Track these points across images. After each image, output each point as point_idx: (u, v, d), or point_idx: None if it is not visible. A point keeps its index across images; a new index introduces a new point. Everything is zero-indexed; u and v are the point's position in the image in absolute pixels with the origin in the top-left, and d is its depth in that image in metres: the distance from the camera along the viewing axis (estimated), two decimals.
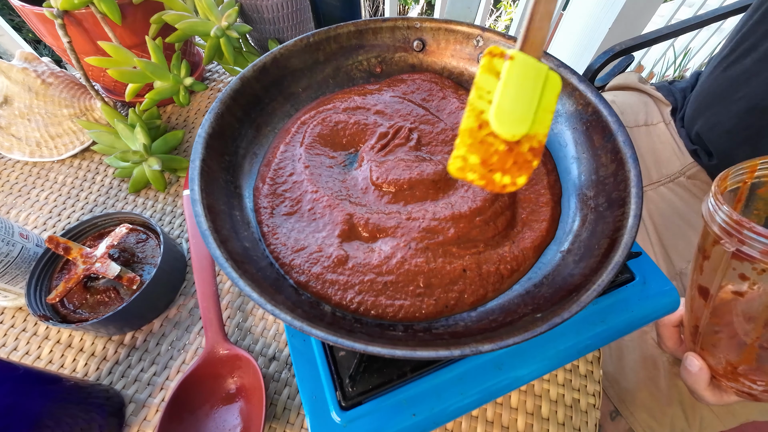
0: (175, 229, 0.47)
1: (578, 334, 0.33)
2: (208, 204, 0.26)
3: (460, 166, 0.22)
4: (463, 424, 0.36)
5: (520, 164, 0.22)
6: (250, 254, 0.27)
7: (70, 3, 0.42)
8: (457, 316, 0.27)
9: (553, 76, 0.23)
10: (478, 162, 0.22)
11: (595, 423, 0.36)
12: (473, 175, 0.22)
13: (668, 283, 0.35)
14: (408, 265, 0.27)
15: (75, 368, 0.38)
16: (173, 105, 0.60)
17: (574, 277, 0.25)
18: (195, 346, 0.39)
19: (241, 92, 0.33)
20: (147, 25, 0.47)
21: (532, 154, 0.22)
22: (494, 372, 0.31)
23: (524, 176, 0.22)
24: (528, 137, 0.22)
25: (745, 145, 0.47)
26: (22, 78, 0.50)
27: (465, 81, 0.39)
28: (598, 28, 0.88)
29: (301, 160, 0.33)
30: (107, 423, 0.33)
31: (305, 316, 0.22)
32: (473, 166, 0.22)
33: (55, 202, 0.50)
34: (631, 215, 0.25)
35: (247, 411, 0.34)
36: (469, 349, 0.20)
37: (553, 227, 0.31)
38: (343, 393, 0.29)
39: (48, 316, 0.37)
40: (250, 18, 0.54)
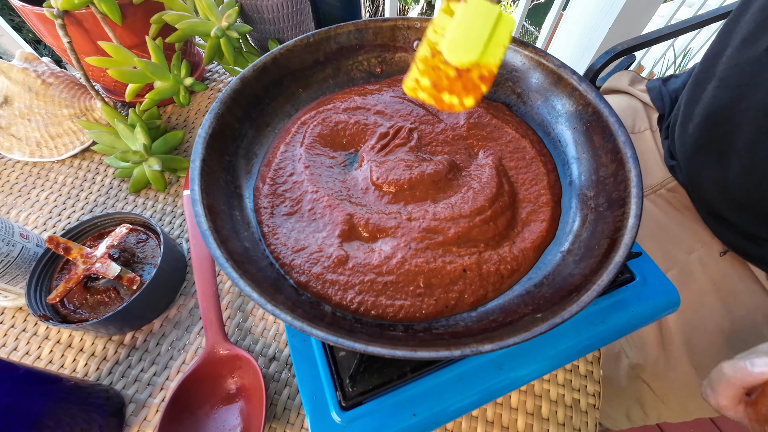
0: (175, 229, 0.47)
1: (578, 334, 0.33)
2: (208, 204, 0.26)
3: (412, 86, 0.25)
4: (463, 424, 0.36)
5: (469, 88, 0.25)
6: (250, 254, 0.27)
7: (71, 3, 0.42)
8: (458, 316, 0.27)
9: (506, 17, 0.25)
10: (429, 84, 0.24)
11: (595, 423, 0.36)
12: (423, 94, 0.25)
13: (668, 283, 0.35)
14: (408, 265, 0.27)
15: (75, 368, 0.38)
16: (173, 105, 0.60)
17: (574, 277, 0.25)
18: (195, 346, 0.39)
19: (242, 92, 0.33)
20: (147, 25, 0.47)
21: (481, 80, 0.25)
22: (494, 372, 0.31)
23: (471, 98, 0.25)
24: (478, 66, 0.25)
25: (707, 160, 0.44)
26: (22, 78, 0.50)
27: None
28: (598, 28, 0.88)
29: (301, 160, 0.33)
30: (107, 423, 0.33)
31: (305, 316, 0.22)
32: (425, 87, 0.25)
33: (55, 202, 0.50)
34: (632, 215, 0.25)
35: (247, 411, 0.34)
36: (470, 349, 0.20)
37: (554, 227, 0.31)
38: (344, 393, 0.29)
39: (48, 316, 0.37)
40: (250, 18, 0.54)
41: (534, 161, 0.33)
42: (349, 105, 0.37)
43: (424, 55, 0.25)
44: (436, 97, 0.25)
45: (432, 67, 0.25)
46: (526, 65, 0.35)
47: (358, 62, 0.39)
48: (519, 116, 0.37)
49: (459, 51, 0.24)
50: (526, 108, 0.37)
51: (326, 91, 0.39)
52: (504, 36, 0.25)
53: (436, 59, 0.25)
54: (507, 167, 0.34)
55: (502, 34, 0.25)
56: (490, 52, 0.25)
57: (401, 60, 0.40)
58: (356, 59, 0.39)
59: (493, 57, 0.25)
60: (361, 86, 0.39)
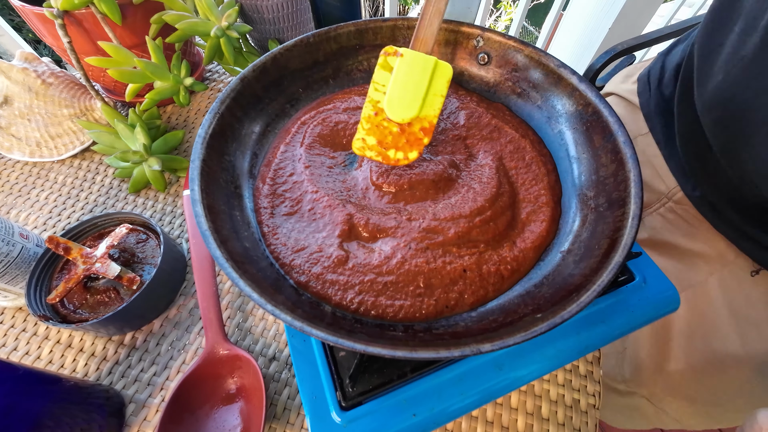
0: (175, 229, 0.47)
1: (578, 334, 0.33)
2: (208, 204, 0.26)
3: (360, 146, 0.26)
4: (463, 425, 0.36)
5: (412, 142, 0.26)
6: (250, 254, 0.27)
7: (71, 3, 0.42)
8: (458, 317, 0.27)
9: (442, 66, 0.26)
10: (375, 142, 0.26)
11: (595, 423, 0.36)
12: (371, 152, 0.26)
13: (668, 283, 0.35)
14: (408, 266, 0.27)
15: (75, 368, 0.38)
16: (173, 105, 0.60)
17: (574, 277, 0.25)
18: (195, 347, 0.39)
19: (242, 92, 0.33)
20: (147, 25, 0.47)
21: (423, 132, 0.26)
22: (494, 372, 0.31)
23: (415, 152, 0.27)
24: (419, 119, 0.26)
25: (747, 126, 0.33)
26: (22, 78, 0.50)
27: (465, 81, 0.39)
28: (598, 28, 0.88)
29: (301, 160, 0.33)
30: (107, 423, 0.33)
31: (305, 317, 0.22)
32: (371, 146, 0.26)
33: (55, 202, 0.50)
34: (631, 215, 0.25)
35: (247, 411, 0.34)
36: (470, 349, 0.20)
37: (554, 227, 0.31)
38: (344, 393, 0.29)
39: (48, 316, 0.37)
40: (250, 18, 0.54)
41: (534, 161, 0.33)
42: (349, 105, 0.37)
43: (368, 114, 0.26)
44: (383, 154, 0.26)
45: (376, 125, 0.26)
46: (526, 65, 0.35)
47: (358, 62, 0.39)
48: (519, 116, 0.37)
49: (399, 108, 0.25)
50: (526, 108, 0.37)
51: (326, 91, 0.39)
52: (441, 86, 0.27)
53: (379, 117, 0.26)
54: (507, 167, 0.33)
55: (439, 84, 0.26)
56: (428, 104, 0.26)
57: None
58: (356, 59, 0.39)
59: (432, 108, 0.27)
60: (361, 86, 0.39)
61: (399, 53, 0.25)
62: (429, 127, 0.26)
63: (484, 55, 0.37)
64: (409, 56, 0.25)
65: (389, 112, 0.25)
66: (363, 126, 0.26)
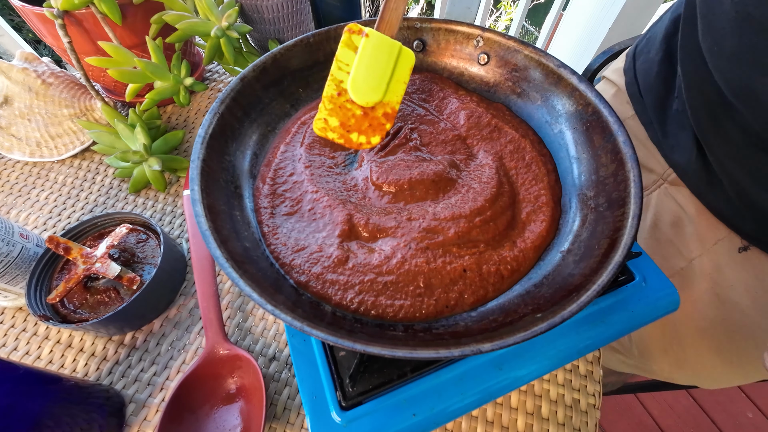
0: (175, 229, 0.47)
1: (578, 334, 0.33)
2: (208, 204, 0.26)
3: (321, 126, 0.25)
4: (463, 424, 0.36)
5: (375, 127, 0.26)
6: (250, 254, 0.27)
7: (71, 3, 0.42)
8: (458, 316, 0.27)
9: (406, 52, 0.26)
10: (338, 124, 0.25)
11: (595, 423, 0.36)
12: (333, 134, 0.25)
13: (668, 283, 0.35)
14: (408, 265, 0.27)
15: (75, 368, 0.38)
16: (173, 105, 0.60)
17: (574, 277, 0.25)
18: (195, 346, 0.39)
19: (242, 92, 0.33)
20: (147, 25, 0.47)
21: (385, 118, 0.26)
22: (494, 372, 0.31)
23: (378, 137, 0.26)
24: (382, 104, 0.25)
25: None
26: (23, 78, 0.50)
27: (465, 81, 0.39)
28: (598, 28, 0.88)
29: (301, 160, 0.33)
30: (107, 423, 0.33)
31: (305, 316, 0.22)
32: (333, 127, 0.25)
33: (55, 202, 0.50)
34: (631, 215, 0.25)
35: (248, 411, 0.34)
36: (470, 349, 0.20)
37: (554, 227, 0.31)
38: (344, 393, 0.29)
39: (48, 316, 0.37)
40: (251, 18, 0.54)
41: (534, 161, 0.33)
42: None
43: (331, 94, 0.25)
44: (345, 136, 0.26)
45: (339, 106, 0.25)
46: (526, 65, 0.35)
47: None
48: (519, 116, 0.37)
49: (364, 91, 0.25)
50: (526, 108, 0.37)
51: None
52: (405, 72, 0.26)
53: (342, 98, 0.25)
54: (507, 167, 0.34)
55: (403, 70, 0.26)
56: (392, 89, 0.26)
57: None
58: None
59: (395, 95, 0.26)
60: None
61: (364, 33, 0.24)
62: (391, 113, 0.26)
63: (484, 55, 0.37)
64: (375, 38, 0.25)
65: (353, 94, 0.24)
66: (325, 105, 0.25)
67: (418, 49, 0.39)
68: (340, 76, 0.25)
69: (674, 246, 0.46)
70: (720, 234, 0.42)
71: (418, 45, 0.39)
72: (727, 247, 0.42)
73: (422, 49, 0.39)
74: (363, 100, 0.25)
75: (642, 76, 0.48)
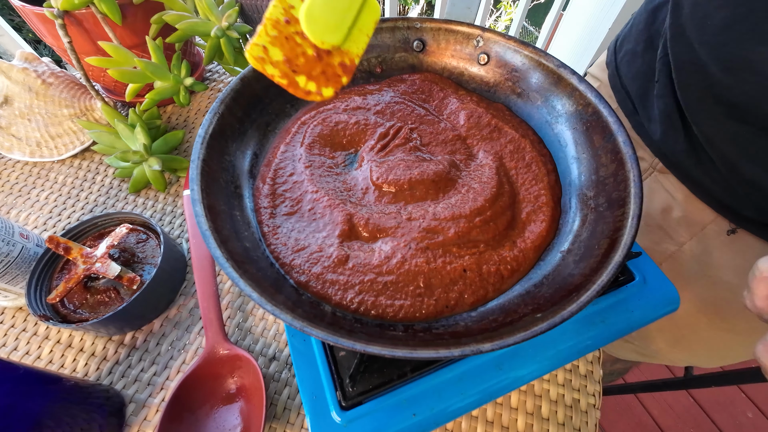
0: (175, 229, 0.47)
1: (578, 334, 0.33)
2: (208, 204, 0.26)
3: (259, 55, 0.20)
4: (463, 424, 0.36)
5: (329, 76, 0.22)
6: (250, 254, 0.27)
7: (71, 3, 0.42)
8: (458, 316, 0.27)
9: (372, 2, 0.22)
10: (281, 59, 0.21)
11: (595, 423, 0.36)
12: (274, 70, 0.21)
13: (668, 283, 0.35)
14: (408, 265, 0.27)
15: (75, 368, 0.38)
16: (173, 105, 0.60)
17: (574, 277, 0.25)
18: (195, 346, 0.39)
19: (242, 92, 0.33)
20: (147, 25, 0.47)
21: (342, 69, 0.22)
22: (494, 372, 0.31)
23: (331, 89, 0.22)
24: (339, 51, 0.22)
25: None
26: (23, 78, 0.50)
27: (465, 81, 0.39)
28: (598, 28, 0.88)
29: (301, 160, 0.33)
30: (107, 423, 0.33)
31: (305, 316, 0.22)
32: (276, 61, 0.21)
33: (55, 202, 0.50)
34: (631, 215, 0.25)
35: (248, 411, 0.34)
36: (470, 348, 0.20)
37: (554, 227, 0.31)
38: (344, 393, 0.29)
39: (48, 316, 0.37)
40: (251, 18, 0.54)
41: (534, 161, 0.33)
42: (349, 105, 0.37)
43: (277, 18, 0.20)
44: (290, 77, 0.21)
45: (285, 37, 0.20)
46: (526, 65, 0.35)
47: None
48: (519, 116, 0.37)
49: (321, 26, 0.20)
50: (526, 108, 0.37)
51: None
52: (368, 24, 0.22)
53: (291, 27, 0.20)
54: (507, 167, 0.34)
55: (367, 21, 0.22)
56: (353, 38, 0.22)
57: (401, 60, 0.40)
58: None
59: (356, 45, 0.22)
60: (361, 86, 0.39)
61: None
62: (350, 66, 0.22)
63: (484, 55, 0.37)
64: None
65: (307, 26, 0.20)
66: (267, 30, 0.20)
67: (418, 49, 0.39)
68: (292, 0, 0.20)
69: (664, 231, 0.47)
70: (708, 218, 0.43)
71: (418, 45, 0.39)
72: (715, 230, 0.43)
73: (422, 49, 0.39)
74: (318, 37, 0.20)
75: (625, 66, 0.49)
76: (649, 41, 0.44)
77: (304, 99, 0.23)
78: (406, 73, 0.40)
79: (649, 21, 0.45)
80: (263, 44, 0.20)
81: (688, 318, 0.48)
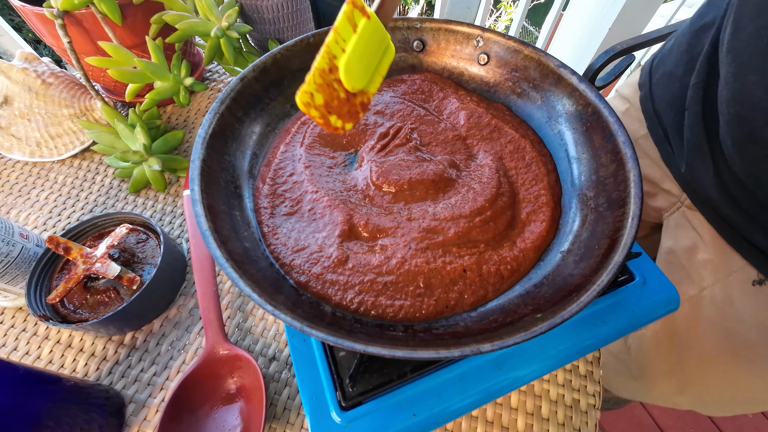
0: (175, 229, 0.47)
1: (578, 334, 0.33)
2: (208, 204, 0.26)
3: (306, 101, 0.23)
4: (463, 425, 0.36)
5: (352, 113, 0.25)
6: (250, 254, 0.27)
7: (71, 3, 0.42)
8: (458, 317, 0.27)
9: (391, 47, 0.26)
10: (322, 103, 0.24)
11: (595, 423, 0.36)
12: (315, 112, 0.24)
13: (668, 283, 0.35)
14: (408, 266, 0.27)
15: (75, 368, 0.38)
16: (173, 105, 0.60)
17: (574, 277, 0.25)
18: (195, 346, 0.39)
19: (242, 92, 0.33)
20: (147, 25, 0.47)
21: (361, 107, 0.25)
22: (494, 372, 0.31)
23: (351, 124, 0.26)
24: (362, 92, 0.25)
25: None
26: (22, 78, 0.50)
27: (465, 81, 0.39)
28: (598, 28, 0.88)
29: (301, 160, 0.33)
30: (107, 423, 0.33)
31: (305, 317, 0.22)
32: (318, 105, 0.24)
33: (55, 202, 0.50)
34: (631, 215, 0.25)
35: (247, 411, 0.34)
36: (470, 349, 0.20)
37: (554, 227, 0.31)
38: (344, 393, 0.29)
39: (48, 316, 0.37)
40: (250, 18, 0.54)
41: (534, 161, 0.33)
42: None
43: (324, 68, 0.23)
44: (326, 117, 0.25)
45: (327, 84, 0.24)
46: (526, 65, 0.35)
47: None
48: (519, 116, 0.37)
49: (355, 74, 0.24)
50: (526, 108, 0.37)
51: None
52: (385, 66, 0.26)
53: (332, 75, 0.24)
54: (507, 167, 0.34)
55: (385, 64, 0.26)
56: (374, 80, 0.25)
57: (401, 60, 0.40)
58: None
59: (374, 86, 0.26)
60: None
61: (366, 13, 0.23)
62: (366, 103, 0.26)
63: (484, 55, 0.37)
64: (375, 23, 0.24)
65: (345, 75, 0.23)
66: (315, 79, 0.23)
67: (418, 49, 0.39)
68: (336, 50, 0.23)
69: (686, 272, 0.44)
70: (735, 265, 0.40)
71: (418, 45, 0.39)
72: (741, 278, 0.40)
73: (422, 49, 0.39)
74: (351, 83, 0.24)
75: (660, 90, 0.45)
76: (690, 64, 0.41)
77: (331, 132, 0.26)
78: (406, 73, 0.40)
79: (692, 42, 0.41)
80: (311, 91, 0.23)
81: (700, 367, 0.45)
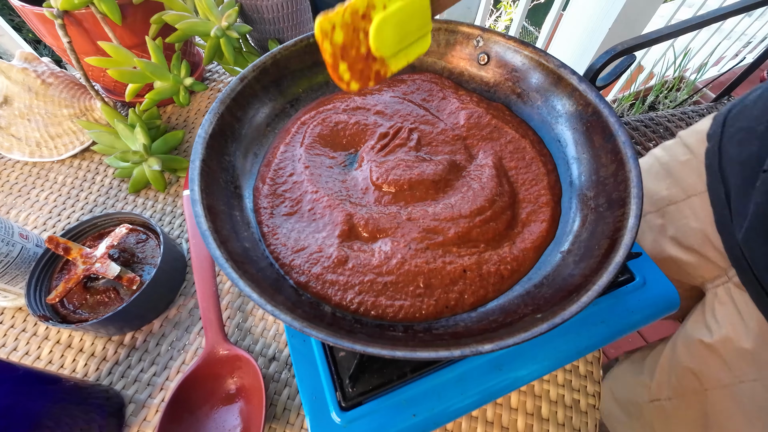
0: (175, 229, 0.47)
1: (578, 334, 0.33)
2: (208, 204, 0.26)
3: (326, 30, 0.22)
4: (463, 425, 0.36)
5: (363, 75, 0.24)
6: (250, 255, 0.27)
7: (70, 3, 0.42)
8: (458, 317, 0.27)
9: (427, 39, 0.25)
10: (340, 42, 0.22)
11: (595, 423, 0.36)
12: (329, 48, 0.22)
13: (668, 283, 0.35)
14: (408, 266, 0.27)
15: (75, 368, 0.38)
16: (173, 105, 0.60)
17: (574, 277, 0.25)
18: (195, 347, 0.39)
19: (242, 92, 0.33)
20: (147, 25, 0.47)
21: (375, 75, 0.24)
22: (494, 372, 0.31)
23: (358, 85, 0.24)
24: (383, 62, 0.24)
25: None
26: (22, 78, 0.50)
27: (465, 81, 0.39)
28: (598, 28, 0.88)
29: (301, 160, 0.33)
30: (107, 423, 0.33)
31: (305, 317, 0.22)
32: (335, 42, 0.22)
33: (55, 202, 0.50)
34: (632, 215, 0.25)
35: (247, 411, 0.34)
36: (470, 349, 0.20)
37: (554, 228, 0.31)
38: (343, 393, 0.29)
39: (48, 316, 0.37)
40: (250, 18, 0.54)
41: (534, 161, 0.33)
42: (349, 105, 0.37)
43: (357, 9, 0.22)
44: (336, 60, 0.23)
45: (354, 28, 0.22)
46: (526, 65, 0.35)
47: None
48: (519, 116, 0.37)
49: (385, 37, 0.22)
50: (526, 108, 0.37)
51: (326, 91, 0.39)
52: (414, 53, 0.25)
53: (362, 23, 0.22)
54: (507, 167, 0.33)
55: (416, 50, 0.25)
56: (398, 58, 0.25)
57: None
58: None
59: (396, 64, 0.25)
60: None
61: None
62: (382, 76, 0.24)
63: (484, 55, 0.37)
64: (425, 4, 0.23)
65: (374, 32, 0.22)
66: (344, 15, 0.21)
67: None
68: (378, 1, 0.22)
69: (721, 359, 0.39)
70: None
71: None
72: None
73: None
74: (377, 44, 0.22)
75: (733, 147, 0.40)
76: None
77: (334, 82, 0.24)
78: (406, 73, 0.40)
79: None
80: (336, 23, 0.22)
81: None
